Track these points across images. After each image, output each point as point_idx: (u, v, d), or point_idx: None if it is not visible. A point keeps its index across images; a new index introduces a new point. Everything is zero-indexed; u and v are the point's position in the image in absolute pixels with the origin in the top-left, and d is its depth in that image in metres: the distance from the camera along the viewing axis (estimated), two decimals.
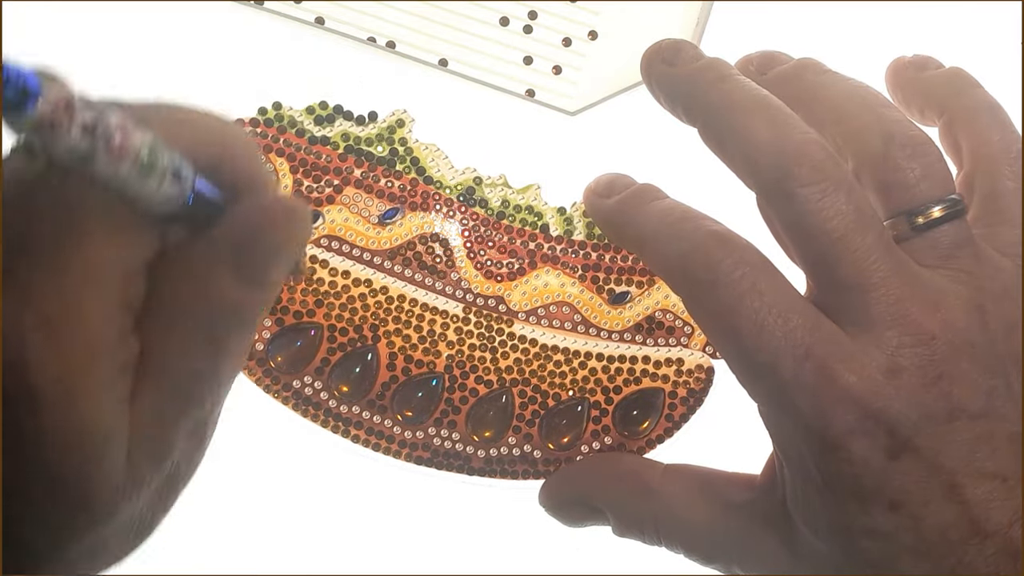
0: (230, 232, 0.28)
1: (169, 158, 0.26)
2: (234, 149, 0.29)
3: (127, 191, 0.25)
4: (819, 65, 0.35)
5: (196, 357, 0.28)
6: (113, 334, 0.27)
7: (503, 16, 0.41)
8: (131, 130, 0.24)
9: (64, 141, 0.23)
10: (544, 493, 0.37)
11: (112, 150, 0.24)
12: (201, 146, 0.28)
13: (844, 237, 0.30)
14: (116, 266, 0.26)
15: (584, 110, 0.42)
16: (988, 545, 0.29)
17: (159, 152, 0.25)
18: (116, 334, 0.27)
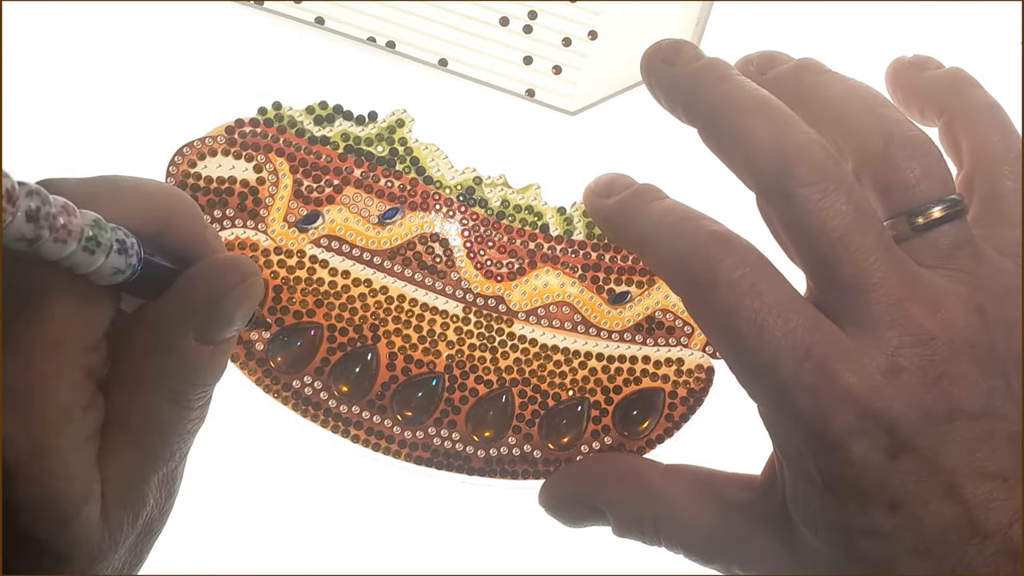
0: (186, 296, 0.30)
1: (113, 233, 0.27)
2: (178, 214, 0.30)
3: (75, 268, 0.27)
4: (819, 65, 0.35)
5: (161, 414, 0.30)
6: (79, 402, 0.28)
7: (503, 16, 0.41)
8: (73, 211, 0.26)
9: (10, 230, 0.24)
10: (544, 493, 0.37)
11: (57, 232, 0.25)
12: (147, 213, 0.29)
13: (844, 237, 0.30)
14: (77, 337, 0.28)
15: (584, 110, 0.42)
16: (988, 545, 0.29)
17: (103, 229, 0.27)
18: (82, 402, 0.28)
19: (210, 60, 0.43)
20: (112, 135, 0.43)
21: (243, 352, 0.37)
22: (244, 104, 0.38)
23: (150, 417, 0.30)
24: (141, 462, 0.30)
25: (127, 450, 0.30)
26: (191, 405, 0.31)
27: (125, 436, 0.30)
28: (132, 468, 0.30)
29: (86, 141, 0.43)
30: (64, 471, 0.28)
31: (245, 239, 0.37)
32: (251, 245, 0.37)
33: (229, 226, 0.37)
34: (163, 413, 0.30)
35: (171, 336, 0.30)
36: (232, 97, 0.39)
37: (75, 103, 0.43)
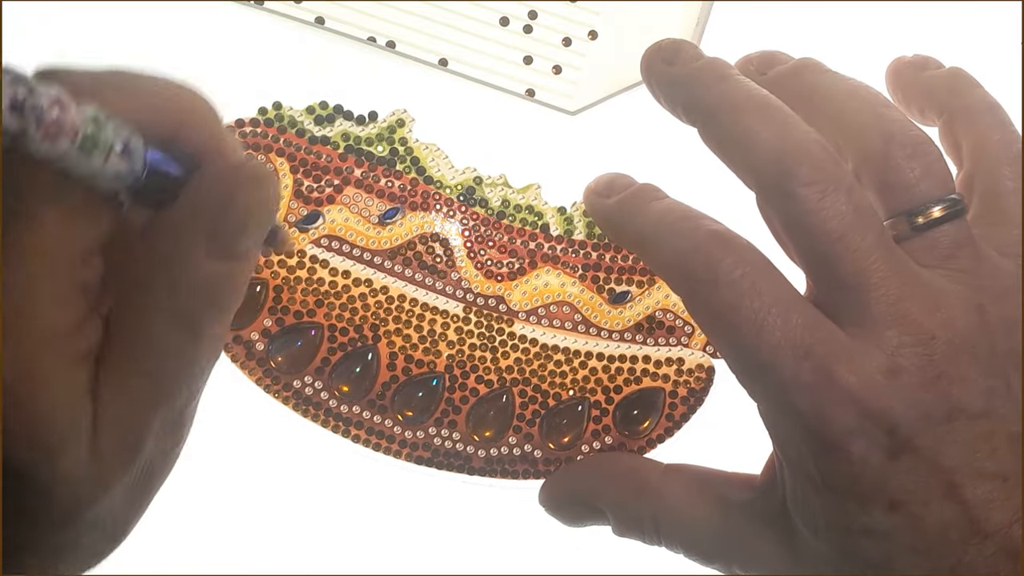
0: (195, 203, 0.26)
1: (115, 132, 0.24)
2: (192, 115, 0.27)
3: (69, 170, 0.24)
4: (819, 65, 0.35)
5: (168, 343, 0.27)
6: (68, 319, 0.25)
7: (503, 16, 0.41)
8: (68, 105, 0.23)
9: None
10: (544, 493, 0.37)
11: (46, 127, 0.22)
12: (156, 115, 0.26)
13: (844, 237, 0.30)
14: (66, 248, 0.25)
15: (584, 110, 0.42)
16: (988, 545, 0.29)
17: (102, 127, 0.24)
18: (71, 319, 0.25)
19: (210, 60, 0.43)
20: None
21: (243, 352, 0.37)
22: (244, 104, 0.38)
23: (154, 343, 0.26)
24: (143, 395, 0.27)
25: (128, 381, 0.26)
26: (202, 332, 0.27)
27: (127, 365, 0.26)
28: (132, 401, 0.27)
29: None
30: (47, 395, 0.25)
31: None
32: None
33: None
34: (171, 339, 0.27)
35: (180, 249, 0.26)
36: (232, 97, 0.39)
37: None
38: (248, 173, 0.27)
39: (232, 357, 0.37)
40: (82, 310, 0.26)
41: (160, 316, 0.26)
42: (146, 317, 0.26)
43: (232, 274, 0.27)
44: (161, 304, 0.26)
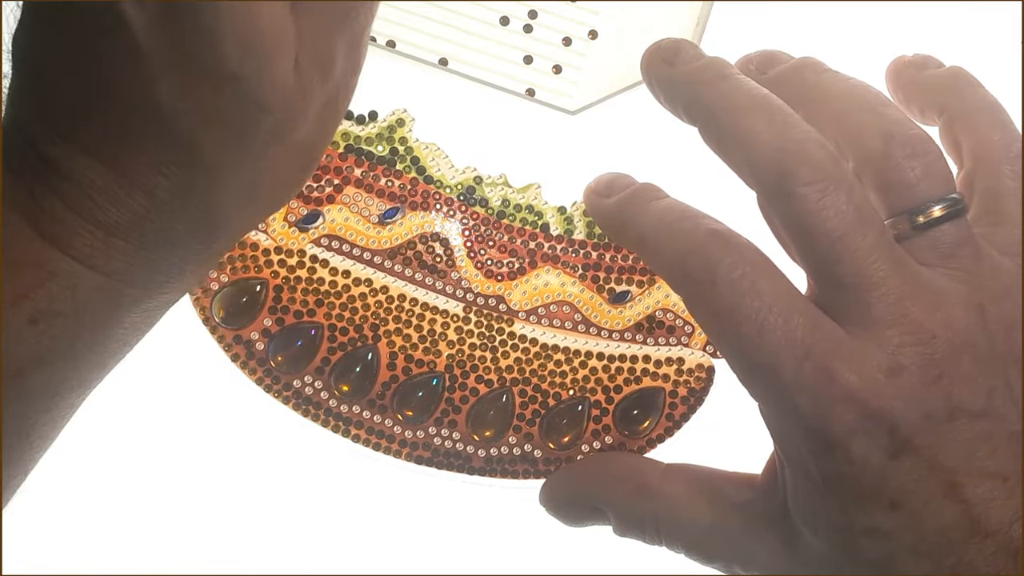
0: None
1: None
2: None
3: None
4: (819, 64, 0.35)
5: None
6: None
7: (503, 16, 0.41)
8: None
9: None
10: (544, 493, 0.37)
11: None
12: None
13: (844, 236, 0.30)
14: None
15: (584, 110, 0.42)
16: (988, 544, 0.29)
17: None
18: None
19: None
20: None
21: (243, 352, 0.37)
22: None
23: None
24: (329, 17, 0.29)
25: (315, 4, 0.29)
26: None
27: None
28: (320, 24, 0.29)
29: None
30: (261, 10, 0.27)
31: (245, 239, 0.37)
32: (251, 245, 0.37)
33: None
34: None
35: None
36: None
37: None
38: None
39: (232, 357, 0.37)
40: None
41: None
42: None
43: None
44: None
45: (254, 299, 0.37)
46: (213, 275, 0.37)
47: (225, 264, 0.37)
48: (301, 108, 0.29)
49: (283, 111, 0.29)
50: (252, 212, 0.32)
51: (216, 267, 0.37)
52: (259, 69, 0.27)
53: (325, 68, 0.30)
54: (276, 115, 0.28)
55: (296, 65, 0.29)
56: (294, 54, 0.28)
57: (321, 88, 0.30)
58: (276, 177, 0.31)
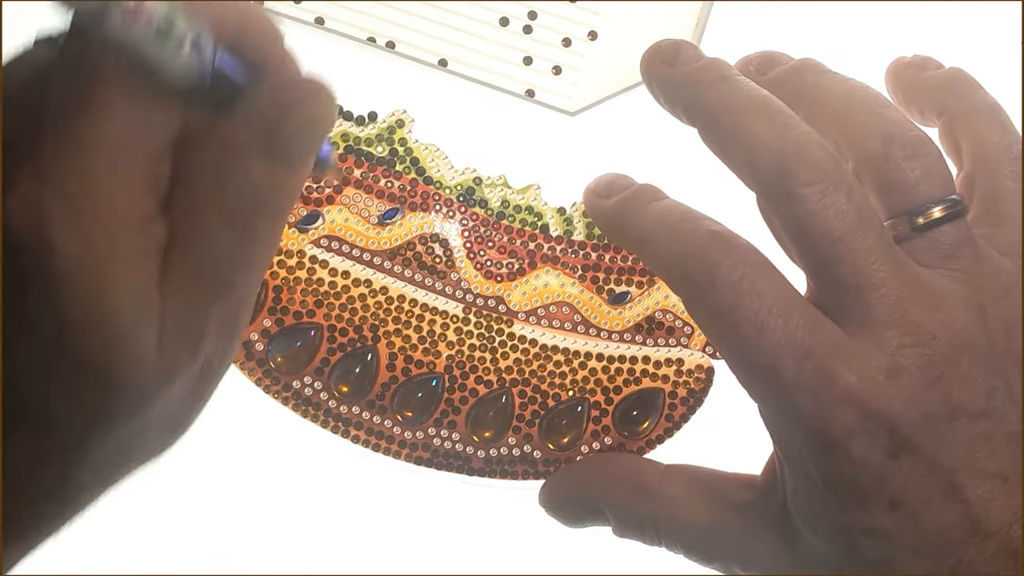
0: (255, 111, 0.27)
1: (188, 26, 0.25)
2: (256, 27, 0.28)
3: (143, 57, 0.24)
4: (819, 65, 0.35)
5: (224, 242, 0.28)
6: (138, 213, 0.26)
7: (503, 16, 0.41)
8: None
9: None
10: (544, 493, 0.37)
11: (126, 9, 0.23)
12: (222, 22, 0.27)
13: (844, 237, 0.30)
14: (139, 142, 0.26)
15: (584, 110, 0.42)
16: (988, 545, 0.29)
17: (177, 18, 0.25)
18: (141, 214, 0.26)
19: None
20: None
21: (243, 352, 0.37)
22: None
23: (211, 243, 0.27)
24: (201, 293, 0.28)
25: (187, 277, 0.27)
26: (255, 235, 0.28)
27: (185, 262, 0.27)
28: (191, 299, 0.27)
29: None
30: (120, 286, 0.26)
31: None
32: None
33: None
34: (225, 240, 0.27)
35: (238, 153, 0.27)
36: None
37: None
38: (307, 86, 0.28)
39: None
40: (151, 206, 0.27)
41: (215, 217, 0.27)
42: (204, 217, 0.27)
43: (285, 180, 0.28)
44: (218, 205, 0.27)
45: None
46: None
47: None
48: (165, 386, 0.27)
49: (141, 392, 0.27)
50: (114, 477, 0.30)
51: None
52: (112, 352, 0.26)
53: (195, 345, 0.28)
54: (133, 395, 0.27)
55: (160, 343, 0.27)
56: (155, 333, 0.27)
57: (189, 365, 0.28)
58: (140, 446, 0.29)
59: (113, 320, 0.26)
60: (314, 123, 0.28)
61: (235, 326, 0.30)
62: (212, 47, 0.26)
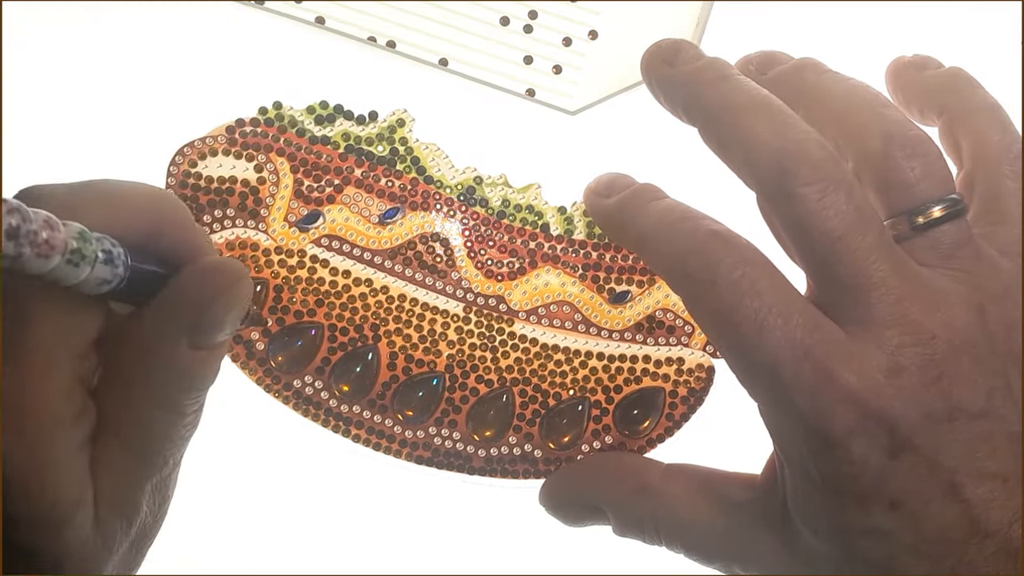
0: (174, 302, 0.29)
1: (98, 243, 0.27)
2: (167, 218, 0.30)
3: (60, 281, 0.26)
4: (819, 65, 0.35)
5: (152, 422, 0.30)
6: (71, 412, 0.28)
7: (503, 16, 0.41)
8: (56, 225, 0.26)
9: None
10: (544, 492, 0.37)
11: (39, 248, 0.25)
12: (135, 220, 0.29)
13: (844, 237, 0.30)
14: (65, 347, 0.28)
15: (584, 110, 0.42)
16: (988, 545, 0.29)
17: (87, 240, 0.27)
18: (74, 412, 0.28)
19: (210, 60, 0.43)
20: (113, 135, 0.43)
21: (243, 352, 0.37)
22: (244, 104, 0.38)
23: (141, 424, 0.30)
24: (133, 469, 0.30)
25: (119, 457, 0.29)
26: (183, 411, 0.30)
27: (117, 443, 0.29)
28: (124, 475, 0.30)
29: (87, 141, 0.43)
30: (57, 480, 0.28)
31: (246, 239, 0.37)
32: (252, 245, 0.37)
33: (230, 226, 0.37)
34: (155, 420, 0.30)
35: (161, 342, 0.29)
36: (232, 97, 0.39)
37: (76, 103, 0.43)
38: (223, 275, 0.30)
39: (232, 357, 0.37)
40: (82, 399, 0.29)
41: (144, 399, 0.30)
42: (131, 402, 0.29)
43: (209, 359, 0.30)
44: (144, 389, 0.29)
45: (254, 299, 0.37)
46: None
47: None
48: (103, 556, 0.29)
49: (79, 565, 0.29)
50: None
51: None
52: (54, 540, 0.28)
53: (130, 517, 0.30)
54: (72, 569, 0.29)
55: (97, 520, 0.29)
56: (92, 514, 0.29)
57: (126, 534, 0.30)
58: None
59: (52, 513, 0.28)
60: (234, 309, 0.30)
61: (165, 494, 0.32)
62: (124, 254, 0.28)
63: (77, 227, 0.26)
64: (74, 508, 0.28)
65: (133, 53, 0.44)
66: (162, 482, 0.31)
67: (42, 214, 0.25)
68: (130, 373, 0.29)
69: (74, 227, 0.26)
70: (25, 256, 0.25)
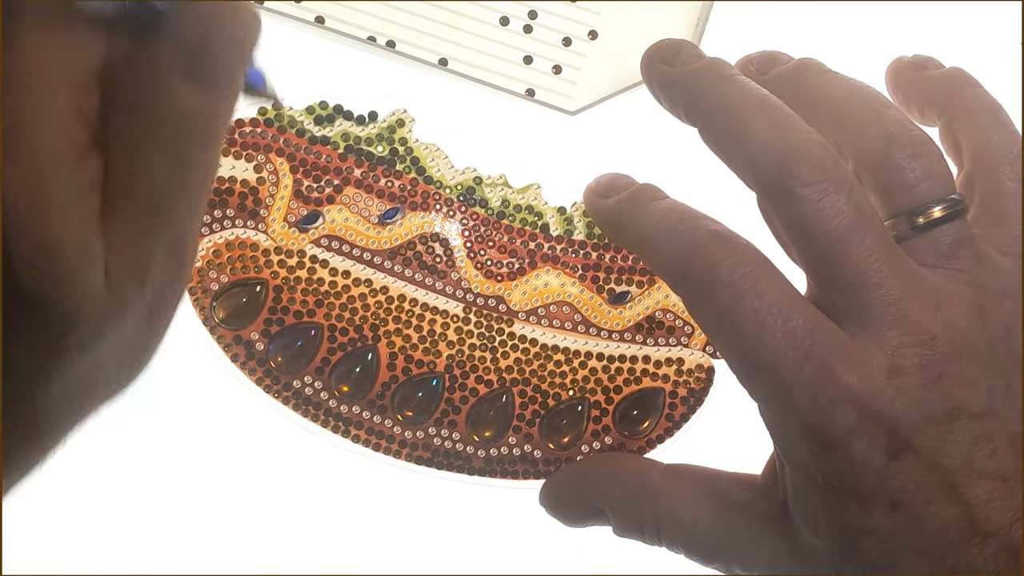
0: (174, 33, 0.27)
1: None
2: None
3: None
4: (819, 65, 0.35)
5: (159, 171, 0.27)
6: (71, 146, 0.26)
7: (503, 16, 0.41)
8: None
9: None
10: (544, 493, 0.37)
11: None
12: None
13: (844, 237, 0.30)
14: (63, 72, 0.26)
15: (584, 110, 0.42)
16: (989, 545, 0.29)
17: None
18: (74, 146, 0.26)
19: None
20: None
21: (243, 352, 0.37)
22: (244, 104, 0.38)
23: (145, 172, 0.27)
24: (142, 222, 0.28)
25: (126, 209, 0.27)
26: (189, 162, 0.28)
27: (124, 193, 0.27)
28: (133, 229, 0.27)
29: None
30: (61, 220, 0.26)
31: (245, 239, 0.37)
32: (251, 245, 0.37)
33: (229, 226, 0.37)
34: (158, 168, 0.27)
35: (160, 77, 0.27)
36: None
37: None
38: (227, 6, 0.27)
39: (232, 357, 0.37)
40: (84, 138, 0.26)
41: (147, 144, 0.27)
42: (136, 145, 0.27)
43: (212, 105, 0.28)
44: (149, 135, 0.27)
45: (254, 299, 0.37)
46: (213, 276, 0.37)
47: (225, 265, 0.37)
48: (115, 319, 0.28)
49: (92, 326, 0.27)
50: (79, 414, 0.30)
51: (216, 268, 0.37)
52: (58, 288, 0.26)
53: (142, 275, 0.28)
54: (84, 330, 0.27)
55: (107, 276, 0.27)
56: (102, 265, 0.27)
57: (139, 295, 0.28)
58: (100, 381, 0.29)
59: (58, 257, 0.25)
60: (235, 42, 0.28)
61: (182, 254, 0.30)
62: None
63: None
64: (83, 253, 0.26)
65: None
66: (177, 242, 0.29)
67: None
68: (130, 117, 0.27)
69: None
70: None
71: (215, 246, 0.37)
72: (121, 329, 0.28)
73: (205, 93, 0.27)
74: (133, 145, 0.27)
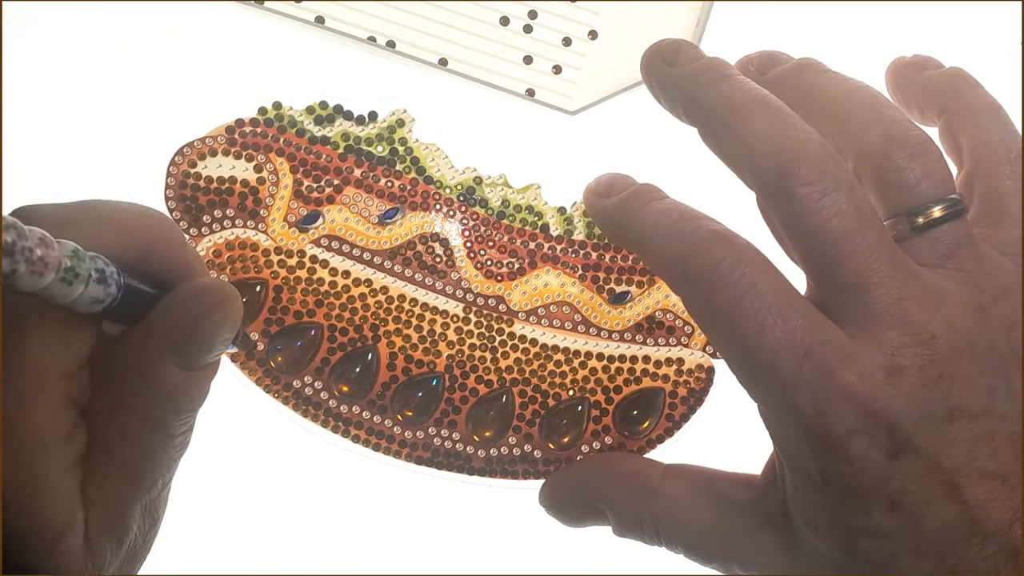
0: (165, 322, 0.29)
1: (91, 262, 0.27)
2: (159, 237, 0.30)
3: (53, 299, 0.27)
4: (819, 65, 0.35)
5: (142, 442, 0.30)
6: (61, 431, 0.28)
7: (503, 16, 0.41)
8: (51, 243, 0.26)
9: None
10: (544, 493, 0.37)
11: (33, 265, 0.25)
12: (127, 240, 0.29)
13: (844, 237, 0.30)
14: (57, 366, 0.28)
15: (584, 110, 0.42)
16: (988, 545, 0.29)
17: (81, 259, 0.27)
18: (65, 431, 0.29)
19: (210, 60, 0.43)
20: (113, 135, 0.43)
21: (243, 352, 0.37)
22: (244, 104, 0.38)
23: (132, 444, 0.30)
24: (124, 489, 0.30)
25: (110, 477, 0.30)
26: (173, 432, 0.30)
27: (107, 463, 0.30)
28: (115, 495, 0.30)
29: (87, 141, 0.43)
30: (47, 500, 0.28)
31: (245, 239, 0.37)
32: (251, 245, 0.37)
33: (229, 226, 0.37)
34: (145, 440, 0.30)
35: (151, 362, 0.29)
36: (232, 97, 0.39)
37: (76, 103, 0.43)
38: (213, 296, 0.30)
39: (232, 357, 0.37)
40: (73, 420, 0.29)
41: (134, 419, 0.30)
42: (121, 423, 0.30)
43: (198, 380, 0.30)
44: (134, 409, 0.30)
45: (254, 299, 0.37)
46: (213, 275, 0.37)
47: (225, 265, 0.37)
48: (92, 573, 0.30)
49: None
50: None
51: (216, 268, 0.37)
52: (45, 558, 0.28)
53: (120, 537, 0.30)
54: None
55: (87, 541, 0.29)
56: (82, 531, 0.29)
57: (116, 553, 0.30)
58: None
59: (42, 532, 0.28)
60: (221, 330, 0.30)
61: (156, 514, 0.32)
62: (117, 273, 0.28)
63: (71, 245, 0.27)
64: (65, 528, 0.28)
65: (133, 53, 0.44)
66: (152, 502, 0.31)
67: (37, 231, 0.25)
68: (120, 393, 0.30)
69: (68, 245, 0.27)
70: (20, 273, 0.25)
71: (215, 246, 0.37)
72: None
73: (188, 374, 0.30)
74: (120, 420, 0.30)
